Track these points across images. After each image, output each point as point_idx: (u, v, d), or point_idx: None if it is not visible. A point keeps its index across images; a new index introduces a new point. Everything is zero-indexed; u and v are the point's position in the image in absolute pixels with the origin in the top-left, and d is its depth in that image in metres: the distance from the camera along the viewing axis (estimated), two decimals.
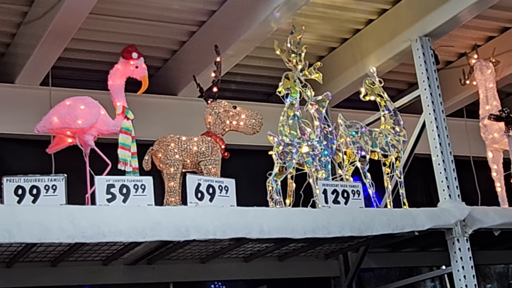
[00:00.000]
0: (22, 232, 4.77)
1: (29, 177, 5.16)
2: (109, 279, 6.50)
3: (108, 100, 5.88)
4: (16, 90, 7.06)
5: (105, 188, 5.29)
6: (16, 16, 6.60)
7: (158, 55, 7.56)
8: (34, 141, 6.85)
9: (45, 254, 5.97)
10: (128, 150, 5.76)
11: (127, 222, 5.07)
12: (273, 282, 7.57)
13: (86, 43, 7.04)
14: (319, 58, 7.93)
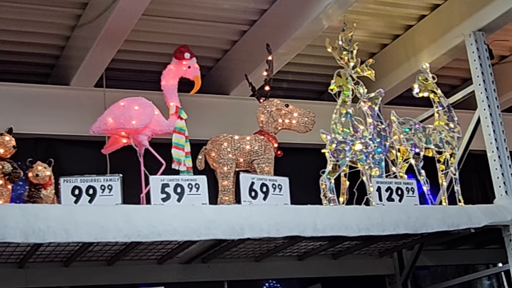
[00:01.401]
0: (79, 231, 4.85)
1: (85, 178, 5.23)
2: (164, 278, 6.56)
3: (161, 100, 5.93)
4: (71, 92, 7.17)
5: (160, 188, 5.33)
6: (70, 19, 6.70)
7: (210, 55, 7.60)
8: (89, 142, 6.95)
9: (101, 253, 6.05)
10: (182, 149, 5.80)
11: (182, 221, 5.11)
12: (327, 281, 7.55)
13: (139, 44, 7.11)
14: (371, 55, 7.89)
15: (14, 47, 6.98)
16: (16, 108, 6.82)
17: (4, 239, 4.67)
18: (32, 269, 6.09)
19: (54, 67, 7.33)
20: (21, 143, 5.55)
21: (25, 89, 7.05)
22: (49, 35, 6.91)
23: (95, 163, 6.75)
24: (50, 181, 5.52)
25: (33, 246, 5.46)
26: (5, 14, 6.49)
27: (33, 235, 4.74)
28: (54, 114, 7.04)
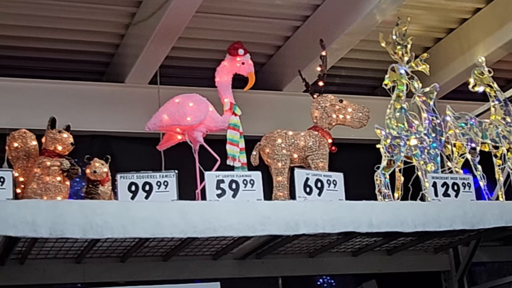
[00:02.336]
0: (136, 227, 4.90)
1: (141, 174, 5.28)
2: (218, 273, 6.58)
3: (215, 96, 5.96)
4: (126, 89, 7.25)
5: (215, 184, 5.35)
6: (125, 17, 6.77)
7: (263, 51, 7.61)
8: (144, 139, 7.02)
9: (157, 249, 6.11)
10: (236, 145, 5.82)
11: (237, 217, 5.13)
12: (382, 277, 7.49)
13: (193, 41, 7.15)
14: (425, 49, 7.82)
15: (70, 46, 7.08)
16: (73, 106, 6.92)
17: (63, 234, 4.75)
18: (90, 264, 6.17)
19: (109, 65, 7.41)
20: (78, 140, 5.63)
21: (81, 87, 7.15)
22: (104, 34, 7.00)
23: (150, 160, 6.83)
24: (107, 178, 5.60)
25: (91, 241, 5.53)
26: (61, 13, 6.59)
27: (91, 231, 4.81)
28: (110, 111, 7.12)
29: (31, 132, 5.66)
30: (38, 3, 6.43)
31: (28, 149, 5.58)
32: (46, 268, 6.05)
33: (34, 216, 4.71)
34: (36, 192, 5.30)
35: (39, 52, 7.08)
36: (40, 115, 6.17)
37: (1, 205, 4.73)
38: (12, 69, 7.12)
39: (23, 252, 5.73)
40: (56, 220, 4.74)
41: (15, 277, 5.94)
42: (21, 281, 5.94)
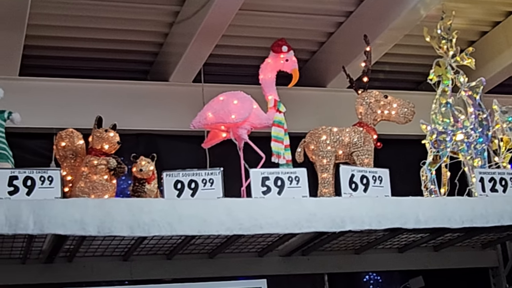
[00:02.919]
0: (182, 225, 4.94)
1: (187, 172, 5.30)
2: (264, 270, 6.58)
3: (259, 94, 5.96)
4: (170, 88, 7.29)
5: (260, 181, 5.35)
6: (168, 16, 6.81)
7: (306, 47, 7.59)
8: (189, 137, 7.05)
9: (203, 246, 6.13)
10: (281, 142, 5.81)
11: (283, 214, 5.14)
12: (429, 273, 7.45)
13: (236, 39, 7.16)
14: (470, 43, 7.73)
15: (114, 45, 7.14)
16: (118, 105, 6.98)
17: (111, 232, 4.81)
18: (137, 262, 6.22)
19: (153, 64, 7.46)
20: (123, 139, 5.66)
21: (126, 86, 7.21)
22: (148, 33, 7.04)
23: (194, 158, 6.86)
24: (153, 176, 5.64)
25: (138, 239, 5.58)
26: (105, 13, 6.65)
27: (138, 229, 4.85)
28: (154, 110, 7.16)
29: (78, 132, 5.73)
30: (83, 4, 6.50)
31: (75, 148, 5.65)
32: (94, 266, 6.11)
33: (82, 215, 4.77)
34: (84, 190, 5.36)
35: (84, 52, 7.15)
36: (87, 114, 6.22)
37: (50, 204, 4.79)
38: (59, 70, 7.22)
39: (71, 250, 5.79)
40: (104, 218, 4.80)
41: (63, 275, 6.02)
42: (69, 278, 6.01)
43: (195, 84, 7.26)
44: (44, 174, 5.00)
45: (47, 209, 4.73)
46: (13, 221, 4.65)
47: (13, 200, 4.83)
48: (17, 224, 4.65)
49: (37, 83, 6.93)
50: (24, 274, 5.94)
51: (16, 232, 4.66)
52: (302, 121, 6.92)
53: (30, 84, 6.89)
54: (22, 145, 6.61)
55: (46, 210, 4.73)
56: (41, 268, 5.97)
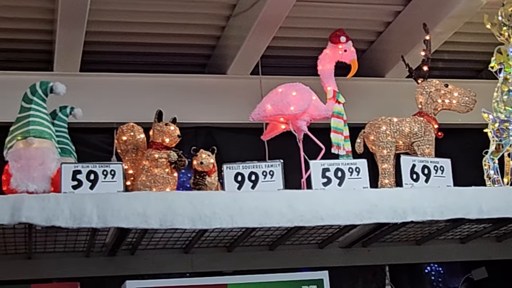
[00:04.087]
0: (243, 217, 4.96)
1: (247, 164, 5.32)
2: (325, 262, 6.54)
3: (318, 85, 5.94)
4: (228, 80, 7.31)
5: (321, 172, 5.35)
6: (225, 9, 6.83)
7: (364, 37, 7.54)
8: (247, 129, 7.08)
9: (263, 238, 6.13)
10: (340, 133, 5.80)
11: (344, 205, 5.13)
12: (492, 264, 7.34)
13: (294, 30, 7.14)
14: None
15: (172, 40, 7.19)
16: (177, 99, 7.03)
17: (173, 225, 4.85)
18: (197, 254, 6.25)
19: (211, 57, 7.49)
20: (182, 132, 5.71)
21: (184, 80, 7.26)
22: (205, 26, 7.07)
23: (253, 150, 6.88)
24: (214, 169, 5.67)
25: (199, 232, 5.61)
26: (162, 8, 6.69)
27: (199, 221, 4.89)
28: (212, 103, 7.20)
29: (139, 126, 5.79)
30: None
31: (136, 142, 5.72)
32: (156, 258, 6.16)
33: (144, 208, 4.83)
34: (145, 184, 5.42)
35: (143, 47, 7.22)
36: (146, 108, 6.29)
37: (113, 197, 4.86)
38: (118, 65, 7.30)
39: (134, 243, 5.85)
40: (166, 211, 4.85)
41: (126, 267, 6.08)
42: (132, 271, 6.07)
43: (253, 76, 7.27)
44: (107, 168, 5.08)
45: (110, 203, 4.80)
46: (77, 214, 4.73)
47: (77, 194, 4.91)
48: (81, 218, 4.73)
49: (98, 78, 7.03)
50: (88, 267, 6.02)
51: (80, 225, 4.74)
52: (362, 112, 6.89)
53: (91, 80, 6.99)
54: (83, 140, 6.71)
55: (109, 204, 4.80)
56: (104, 261, 6.05)
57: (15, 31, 6.72)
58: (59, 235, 5.46)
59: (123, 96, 6.96)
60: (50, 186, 5.21)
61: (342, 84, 6.02)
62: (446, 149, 6.13)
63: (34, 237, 5.42)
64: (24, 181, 5.17)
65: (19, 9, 6.43)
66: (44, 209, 4.70)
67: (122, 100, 6.93)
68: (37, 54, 7.09)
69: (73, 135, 5.93)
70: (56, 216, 4.70)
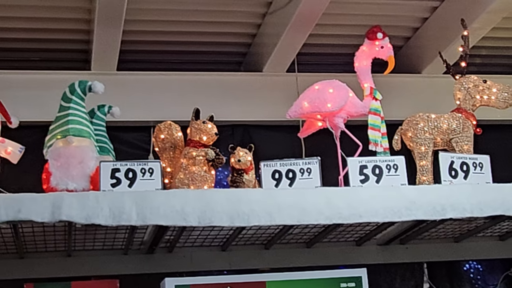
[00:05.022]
0: (281, 214, 4.97)
1: (284, 161, 5.33)
2: (362, 259, 6.53)
3: (354, 82, 5.93)
4: (264, 78, 7.30)
5: (358, 169, 5.35)
6: (261, 6, 6.82)
7: (400, 33, 7.48)
8: (283, 127, 7.07)
9: (300, 235, 6.13)
10: (378, 130, 5.78)
11: (382, 202, 5.11)
12: None
13: (330, 27, 7.11)
14: None
15: (207, 38, 7.20)
16: (213, 96, 7.03)
17: (211, 222, 4.87)
18: (235, 252, 6.26)
19: (247, 55, 7.49)
20: (219, 130, 5.73)
21: (221, 78, 7.27)
22: (241, 24, 7.07)
23: (289, 147, 6.89)
24: (251, 166, 5.68)
25: (236, 229, 5.62)
26: (198, 6, 6.71)
27: (238, 219, 4.91)
28: (249, 100, 7.20)
29: (176, 124, 5.82)
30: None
31: (174, 140, 5.75)
32: (193, 256, 6.19)
33: (183, 205, 4.85)
34: (183, 182, 5.45)
35: (179, 46, 7.24)
36: (183, 106, 6.32)
37: (151, 195, 4.90)
38: (155, 63, 7.33)
39: (172, 241, 5.89)
40: (204, 209, 4.87)
41: (164, 265, 6.12)
42: (170, 268, 6.11)
43: (289, 74, 7.25)
44: (145, 166, 5.12)
45: (148, 201, 4.84)
46: (117, 212, 4.77)
47: (116, 192, 4.95)
48: (120, 216, 4.77)
49: (135, 77, 7.06)
50: (126, 265, 6.07)
51: (120, 223, 4.78)
52: (399, 108, 6.84)
53: (128, 79, 7.03)
54: (121, 138, 6.75)
55: (148, 202, 4.83)
56: (143, 259, 6.09)
57: (53, 31, 6.78)
58: (98, 233, 5.51)
59: (160, 94, 6.99)
60: (89, 184, 5.27)
61: (379, 80, 5.99)
62: (484, 146, 6.09)
63: (74, 235, 5.48)
64: (63, 180, 5.22)
65: (57, 9, 6.48)
66: (83, 207, 4.75)
67: (159, 99, 6.96)
68: (75, 53, 7.14)
69: (111, 134, 5.98)
70: (95, 214, 4.75)
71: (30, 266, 5.90)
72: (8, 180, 5.68)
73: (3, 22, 6.57)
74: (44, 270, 5.92)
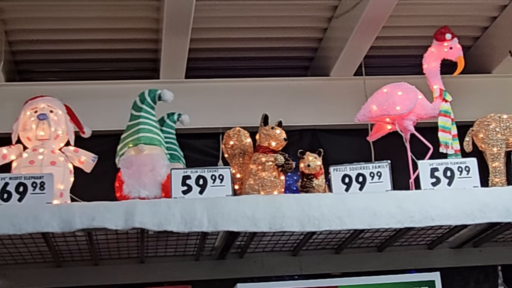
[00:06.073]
0: (352, 218, 4.95)
1: (354, 166, 5.30)
2: (435, 263, 6.44)
3: (423, 84, 5.88)
4: (331, 82, 7.29)
5: (429, 172, 5.29)
6: (327, 11, 6.82)
7: (468, 33, 7.40)
8: (352, 130, 7.04)
9: (371, 239, 6.09)
10: (448, 132, 5.72)
11: (455, 205, 5.05)
12: None
13: (397, 29, 7.07)
14: None
15: (274, 43, 7.23)
16: (280, 102, 7.06)
17: (282, 228, 4.88)
18: (305, 257, 6.25)
19: (313, 59, 7.49)
20: (287, 135, 5.73)
21: (288, 83, 7.28)
22: (307, 29, 7.08)
23: (358, 151, 6.86)
24: (320, 171, 5.67)
25: (307, 234, 5.62)
26: (264, 12, 6.75)
27: (308, 224, 4.91)
28: (317, 105, 7.19)
29: (245, 130, 5.86)
30: (243, 5, 6.63)
31: (243, 146, 5.78)
32: (264, 261, 6.20)
33: (253, 211, 4.88)
34: (253, 187, 5.47)
35: (245, 52, 7.28)
36: (251, 112, 6.38)
37: (222, 201, 4.93)
38: (223, 70, 7.39)
39: (242, 246, 5.91)
40: (275, 214, 4.88)
41: (235, 270, 6.14)
42: (241, 274, 6.13)
43: (356, 77, 7.23)
44: (215, 173, 5.15)
45: (219, 207, 4.87)
46: (188, 219, 4.82)
47: (187, 199, 5.00)
48: (192, 222, 4.82)
49: (203, 84, 7.13)
50: (198, 270, 6.11)
51: (192, 229, 4.83)
52: (469, 110, 6.75)
53: (196, 86, 7.10)
54: (190, 145, 6.82)
55: (219, 208, 4.87)
56: (214, 264, 6.13)
57: (122, 41, 6.89)
58: (170, 239, 5.57)
59: (228, 101, 7.04)
60: (161, 191, 5.33)
61: (448, 82, 5.93)
62: None
63: (146, 242, 5.54)
64: (135, 187, 5.30)
65: (126, 20, 6.60)
66: (156, 214, 4.81)
67: (228, 105, 7.01)
68: (143, 63, 7.25)
69: (180, 141, 6.05)
70: (167, 220, 4.80)
71: (104, 272, 5.99)
72: (82, 189, 5.79)
73: (74, 34, 6.71)
74: (118, 277, 6.01)
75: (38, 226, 4.70)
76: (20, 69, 7.12)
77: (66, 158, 5.59)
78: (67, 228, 4.72)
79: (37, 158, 5.45)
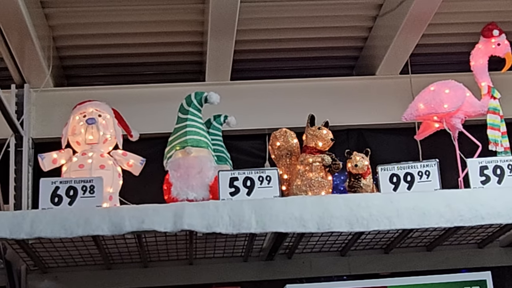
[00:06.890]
0: (401, 218, 4.94)
1: (402, 165, 5.29)
2: (485, 262, 6.39)
3: (471, 81, 5.83)
4: (377, 81, 7.24)
5: (478, 170, 5.24)
6: (372, 9, 6.78)
7: None
8: (398, 129, 6.99)
9: (420, 239, 6.05)
10: (497, 130, 5.67)
11: (505, 203, 5.01)
12: None
13: (443, 26, 6.98)
14: None
15: (319, 43, 7.20)
16: (326, 102, 7.02)
17: (330, 228, 4.88)
18: (354, 257, 6.25)
19: (358, 59, 7.45)
20: (334, 135, 5.74)
21: (333, 83, 7.24)
22: (351, 28, 7.04)
23: (405, 150, 6.81)
24: (368, 171, 5.65)
25: (355, 234, 5.61)
26: (308, 13, 6.72)
27: (357, 224, 4.90)
28: (363, 104, 7.14)
29: (291, 131, 5.86)
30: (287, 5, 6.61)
31: (290, 147, 5.78)
32: (313, 262, 6.21)
33: (301, 212, 4.88)
34: (301, 188, 5.47)
35: (290, 53, 7.26)
36: (296, 113, 6.37)
37: (270, 202, 4.95)
38: (268, 71, 7.38)
39: (290, 247, 5.92)
40: (323, 215, 4.88)
41: (283, 271, 6.16)
42: (289, 274, 6.14)
43: (403, 76, 7.17)
44: (262, 174, 5.17)
45: (267, 208, 4.89)
46: (237, 221, 4.84)
47: (235, 201, 5.02)
48: (240, 224, 4.84)
49: (248, 86, 7.13)
50: (247, 272, 6.14)
51: (240, 231, 4.85)
52: None
53: (242, 88, 7.10)
54: (237, 147, 6.83)
55: (267, 209, 4.89)
56: (262, 265, 6.15)
57: (167, 44, 6.93)
58: (218, 241, 5.60)
59: (274, 102, 7.03)
60: (209, 193, 5.36)
61: (496, 78, 5.87)
62: None
63: (195, 244, 5.58)
64: (183, 190, 5.34)
65: (171, 23, 6.63)
66: (204, 216, 4.84)
67: (273, 106, 7.00)
68: (189, 65, 7.28)
69: (227, 143, 6.08)
70: (216, 222, 4.83)
71: (153, 274, 6.05)
72: (131, 192, 5.85)
73: (120, 39, 6.77)
74: (167, 279, 6.06)
75: (89, 229, 4.77)
76: (68, 74, 7.21)
77: (115, 162, 5.66)
78: (117, 231, 4.78)
79: (87, 162, 5.53)
